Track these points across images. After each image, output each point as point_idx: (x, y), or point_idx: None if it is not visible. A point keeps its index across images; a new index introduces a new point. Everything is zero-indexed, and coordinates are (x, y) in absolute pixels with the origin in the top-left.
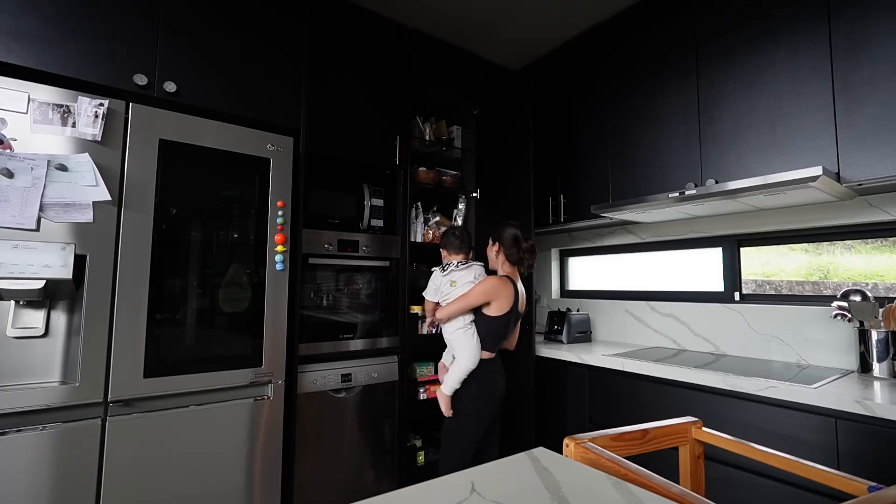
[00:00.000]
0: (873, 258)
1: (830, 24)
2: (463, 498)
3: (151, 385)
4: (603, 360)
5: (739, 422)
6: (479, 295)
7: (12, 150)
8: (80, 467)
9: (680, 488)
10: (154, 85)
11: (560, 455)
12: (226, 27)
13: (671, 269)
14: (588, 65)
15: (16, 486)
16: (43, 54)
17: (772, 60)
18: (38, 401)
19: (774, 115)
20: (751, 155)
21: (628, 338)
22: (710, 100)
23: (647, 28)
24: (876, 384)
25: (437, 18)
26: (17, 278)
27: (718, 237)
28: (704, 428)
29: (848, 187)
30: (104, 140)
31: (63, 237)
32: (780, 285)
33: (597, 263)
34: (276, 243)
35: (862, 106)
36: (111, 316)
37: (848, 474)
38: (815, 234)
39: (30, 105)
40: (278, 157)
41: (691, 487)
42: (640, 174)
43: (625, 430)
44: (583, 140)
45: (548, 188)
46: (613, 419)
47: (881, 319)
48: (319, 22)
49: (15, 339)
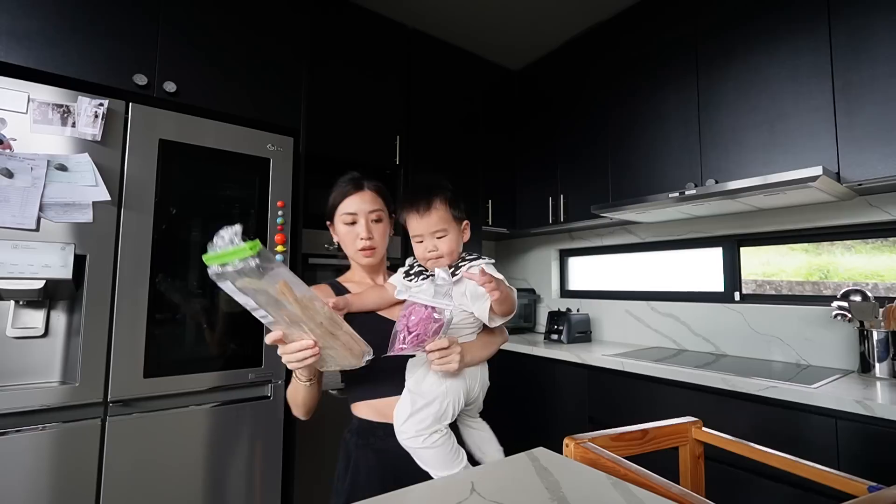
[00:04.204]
0: (873, 258)
1: (830, 24)
2: (463, 498)
3: (151, 385)
4: (603, 360)
5: (739, 422)
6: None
7: (12, 150)
8: (80, 467)
9: (680, 488)
10: (154, 85)
11: (560, 455)
12: (226, 28)
13: (671, 269)
14: (588, 64)
15: (16, 486)
16: (43, 54)
17: (772, 60)
18: (38, 401)
19: (774, 114)
20: (751, 155)
21: (628, 338)
22: (710, 100)
23: (647, 27)
24: (876, 384)
25: (438, 18)
26: (17, 278)
27: (718, 237)
28: (704, 428)
29: (848, 187)
30: (104, 140)
31: (63, 237)
32: (780, 285)
33: (597, 263)
34: (276, 243)
35: (862, 106)
36: (111, 316)
37: (848, 474)
38: (815, 234)
39: (30, 105)
40: (278, 157)
41: (691, 487)
42: (640, 174)
43: (625, 430)
44: (583, 140)
45: (547, 188)
46: (613, 419)
47: (881, 319)
48: (319, 22)
49: (15, 339)
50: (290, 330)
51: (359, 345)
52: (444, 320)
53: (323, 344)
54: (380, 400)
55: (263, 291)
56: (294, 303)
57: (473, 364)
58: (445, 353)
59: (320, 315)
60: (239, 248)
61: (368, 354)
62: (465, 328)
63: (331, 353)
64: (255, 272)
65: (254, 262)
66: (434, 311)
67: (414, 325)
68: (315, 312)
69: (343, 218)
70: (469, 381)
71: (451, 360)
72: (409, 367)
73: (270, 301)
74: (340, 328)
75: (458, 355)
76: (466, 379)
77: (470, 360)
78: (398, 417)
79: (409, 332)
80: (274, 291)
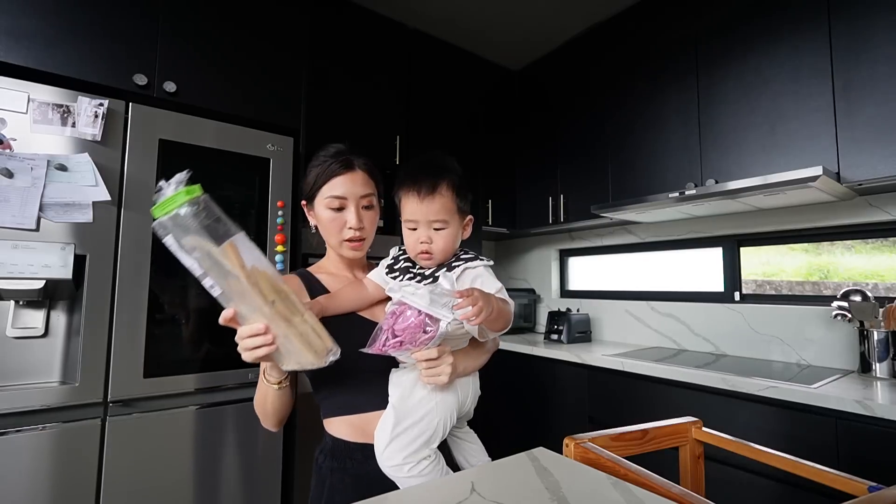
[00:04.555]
0: (873, 258)
1: (830, 24)
2: (463, 498)
3: (151, 385)
4: (603, 360)
5: (739, 422)
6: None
7: (12, 150)
8: (80, 467)
9: (680, 488)
10: (154, 85)
11: (560, 455)
12: (226, 28)
13: (671, 269)
14: (588, 64)
15: (16, 486)
16: (43, 54)
17: (772, 60)
18: (38, 401)
19: (774, 115)
20: (751, 155)
21: (628, 338)
22: (710, 100)
23: (647, 27)
24: (876, 384)
25: (438, 18)
26: (17, 278)
27: (718, 237)
28: (704, 428)
29: (848, 187)
30: (104, 140)
31: (63, 237)
32: (780, 285)
33: (597, 263)
34: (276, 243)
35: (862, 106)
36: (111, 316)
37: (848, 474)
38: (815, 234)
39: (29, 105)
40: (278, 157)
41: (691, 487)
42: (640, 174)
43: (625, 430)
44: (583, 139)
45: (547, 188)
46: (613, 419)
47: (881, 319)
48: (319, 22)
49: (15, 339)
50: (241, 308)
51: (322, 340)
52: (436, 333)
53: (275, 331)
54: (358, 416)
55: (208, 254)
56: (239, 269)
57: (465, 375)
58: (435, 363)
59: (271, 292)
60: (176, 195)
61: (334, 355)
62: (455, 334)
63: (287, 346)
64: (199, 228)
65: (188, 211)
66: (427, 319)
67: (400, 331)
68: (267, 287)
69: (328, 202)
70: (461, 394)
71: (441, 373)
72: (394, 377)
73: (215, 267)
74: (300, 314)
75: (449, 367)
76: (458, 392)
77: (462, 371)
78: (379, 440)
79: (393, 335)
80: (218, 254)
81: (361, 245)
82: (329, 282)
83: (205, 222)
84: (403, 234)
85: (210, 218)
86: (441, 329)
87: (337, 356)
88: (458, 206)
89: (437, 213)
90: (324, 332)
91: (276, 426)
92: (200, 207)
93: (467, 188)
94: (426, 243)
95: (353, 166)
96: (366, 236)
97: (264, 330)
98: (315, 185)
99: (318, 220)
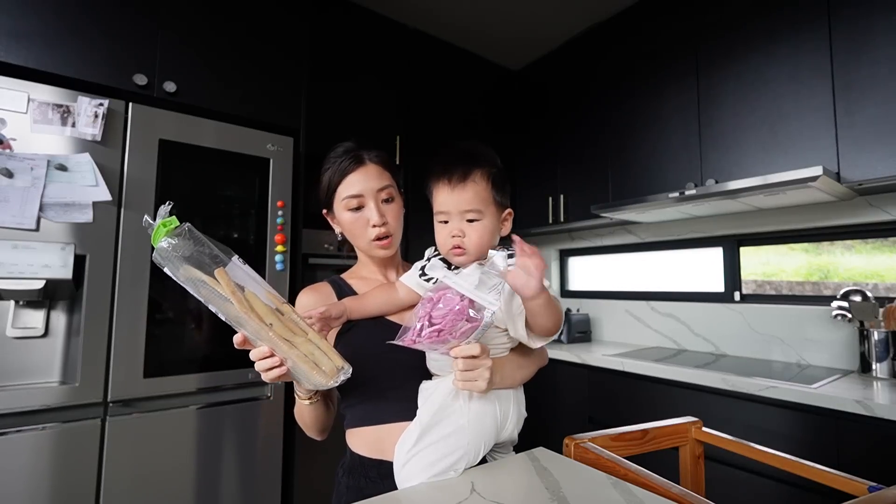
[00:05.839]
0: (873, 258)
1: (831, 24)
2: (463, 498)
3: (151, 385)
4: (603, 360)
5: (739, 422)
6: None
7: (12, 150)
8: (80, 467)
9: (680, 488)
10: (154, 85)
11: (560, 455)
12: (226, 28)
13: (671, 269)
14: (588, 64)
15: (16, 486)
16: (42, 54)
17: (772, 60)
18: (38, 401)
19: (774, 115)
20: (751, 155)
21: (628, 338)
22: (710, 100)
23: (647, 28)
24: (876, 384)
25: (438, 18)
26: (16, 278)
27: (718, 237)
28: (704, 428)
29: (848, 187)
30: (104, 140)
31: (63, 237)
32: (780, 285)
33: (597, 263)
34: (276, 243)
35: (862, 106)
36: (111, 316)
37: (848, 474)
38: (815, 234)
39: (29, 105)
40: (278, 157)
41: (691, 487)
42: (640, 174)
43: (625, 430)
44: (583, 140)
45: (547, 188)
46: (613, 419)
47: (881, 319)
48: (320, 22)
49: (15, 339)
50: (246, 331)
51: (331, 359)
52: (482, 322)
53: (278, 353)
54: (375, 428)
55: (203, 283)
56: (231, 295)
57: (504, 387)
58: (473, 364)
59: (267, 315)
60: (156, 230)
61: (345, 374)
62: (496, 339)
63: (294, 368)
64: (186, 258)
65: (170, 244)
66: (471, 305)
67: (439, 318)
68: (263, 311)
69: (346, 203)
70: (500, 412)
71: (478, 376)
72: (424, 386)
73: (213, 294)
74: (303, 334)
75: (487, 371)
76: (497, 409)
77: (500, 382)
78: (399, 456)
79: (429, 323)
80: (211, 282)
81: (390, 242)
82: (360, 286)
83: (192, 252)
84: (435, 229)
85: (197, 245)
86: (486, 318)
87: (348, 375)
88: (494, 198)
89: (469, 203)
90: (332, 350)
91: (319, 435)
92: (185, 237)
93: (505, 178)
94: (458, 237)
95: (364, 160)
96: (391, 231)
97: (269, 353)
98: (330, 188)
99: (342, 225)
